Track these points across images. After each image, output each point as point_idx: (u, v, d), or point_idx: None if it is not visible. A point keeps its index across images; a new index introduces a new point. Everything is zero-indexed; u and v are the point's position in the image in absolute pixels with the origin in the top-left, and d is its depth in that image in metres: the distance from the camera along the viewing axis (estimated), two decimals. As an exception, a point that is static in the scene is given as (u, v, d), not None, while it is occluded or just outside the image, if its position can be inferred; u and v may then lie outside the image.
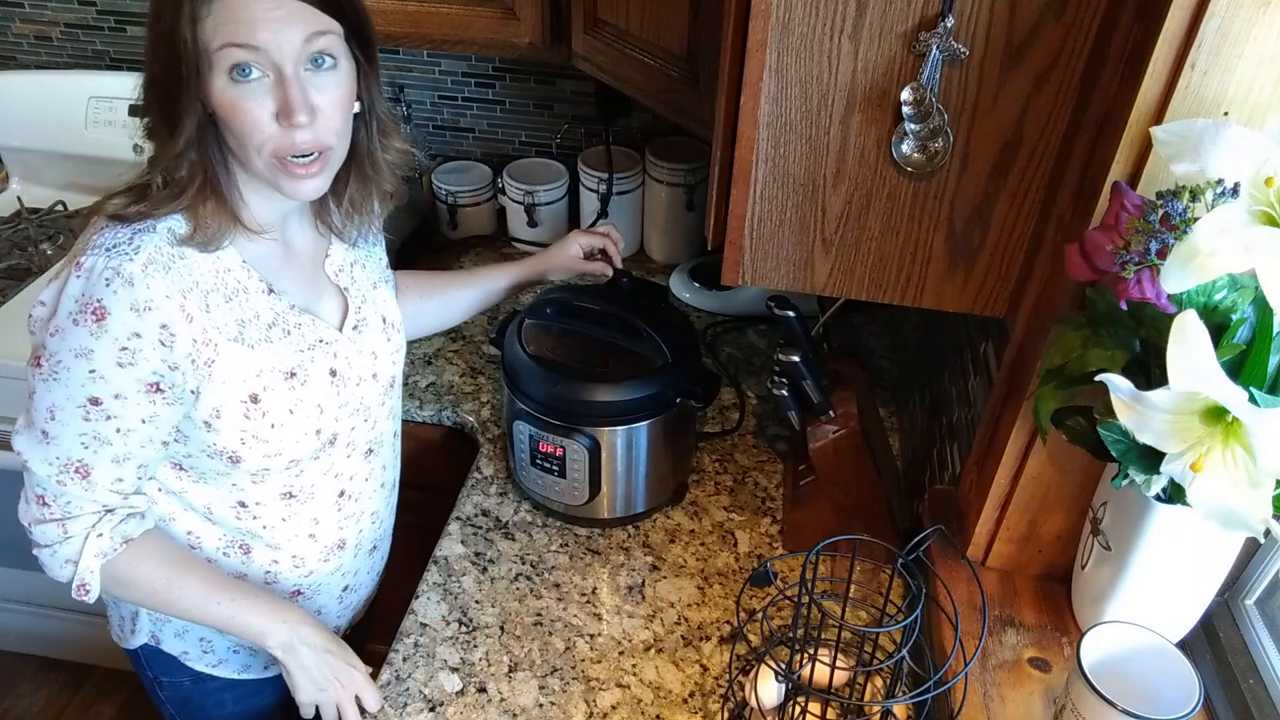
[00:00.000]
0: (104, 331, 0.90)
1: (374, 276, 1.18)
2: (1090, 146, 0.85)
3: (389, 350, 1.18)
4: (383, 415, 1.19)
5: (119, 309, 0.90)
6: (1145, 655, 0.86)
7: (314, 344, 1.06)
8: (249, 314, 0.99)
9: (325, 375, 1.07)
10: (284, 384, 1.03)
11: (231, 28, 0.87)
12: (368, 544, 1.25)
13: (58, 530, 0.99)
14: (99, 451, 0.96)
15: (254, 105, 0.90)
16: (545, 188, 1.94)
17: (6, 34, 2.10)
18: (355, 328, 1.12)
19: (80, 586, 1.01)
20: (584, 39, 1.51)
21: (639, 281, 1.41)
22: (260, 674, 1.26)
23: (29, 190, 2.12)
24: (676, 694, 1.16)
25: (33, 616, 2.17)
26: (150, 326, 0.91)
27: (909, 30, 0.86)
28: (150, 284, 0.91)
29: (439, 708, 1.13)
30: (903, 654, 0.91)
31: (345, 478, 1.15)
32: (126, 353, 0.91)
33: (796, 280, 1.03)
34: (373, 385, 1.15)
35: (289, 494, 1.10)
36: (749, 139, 0.95)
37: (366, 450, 1.17)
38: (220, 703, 1.26)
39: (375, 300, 1.17)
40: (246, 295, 0.99)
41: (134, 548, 1.02)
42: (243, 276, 0.99)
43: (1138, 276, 0.71)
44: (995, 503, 1.03)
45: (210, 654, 1.21)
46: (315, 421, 1.06)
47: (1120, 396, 0.74)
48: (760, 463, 1.50)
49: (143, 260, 0.91)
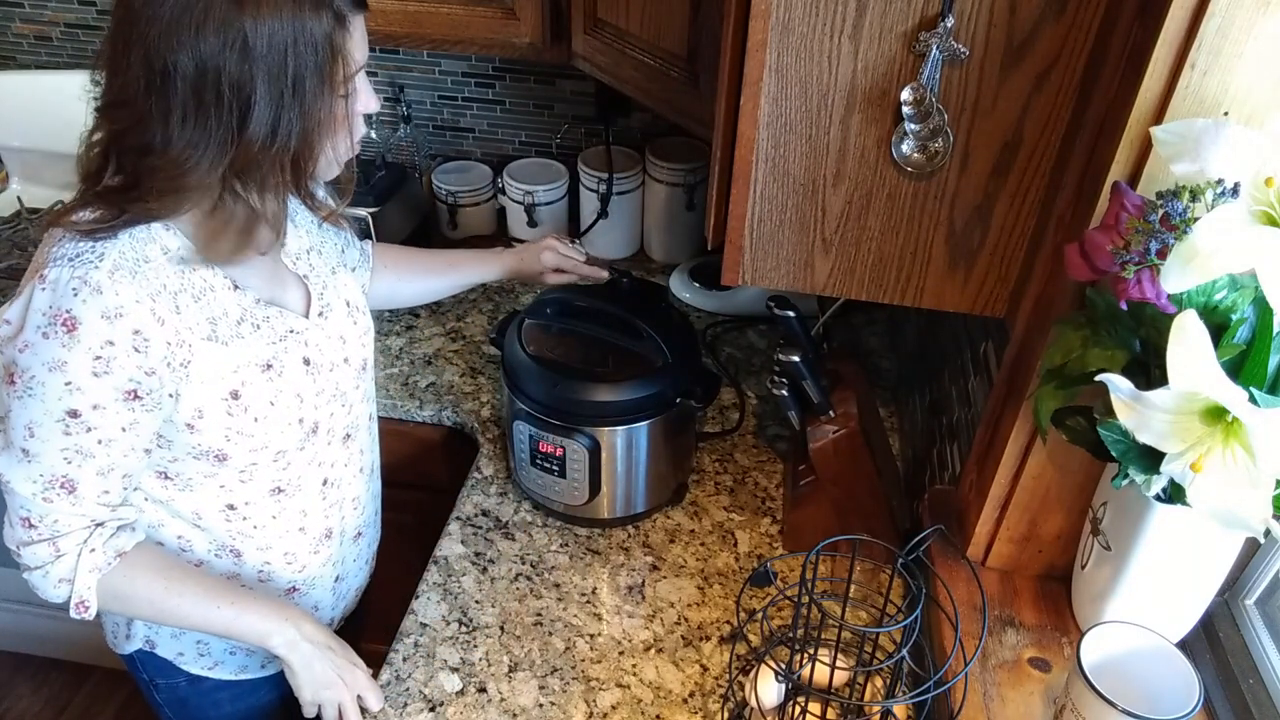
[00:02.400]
0: (76, 342, 0.89)
1: (330, 262, 1.18)
2: (1090, 146, 0.85)
3: (356, 333, 1.17)
4: (357, 399, 1.19)
5: (90, 317, 0.88)
6: (1145, 655, 0.86)
7: (285, 334, 1.05)
8: (218, 311, 0.98)
9: (299, 364, 1.07)
10: (261, 377, 1.02)
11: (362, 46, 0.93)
12: (352, 530, 1.25)
13: (48, 550, 0.97)
14: (82, 465, 0.94)
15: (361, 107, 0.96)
16: (545, 188, 1.94)
17: (6, 34, 2.10)
18: (320, 314, 1.11)
19: (79, 605, 1.00)
20: (584, 39, 1.51)
21: (639, 281, 1.41)
22: (257, 673, 1.25)
23: (29, 190, 2.12)
24: (676, 694, 1.16)
25: (33, 616, 2.17)
26: (123, 333, 0.90)
27: (909, 30, 0.86)
28: (119, 290, 0.89)
29: (439, 708, 1.13)
30: (903, 654, 0.91)
31: (328, 465, 1.15)
32: (101, 361, 0.90)
33: (796, 280, 1.03)
34: (345, 370, 1.14)
35: (277, 489, 1.10)
36: (749, 139, 0.94)
37: (344, 435, 1.17)
38: (216, 703, 1.25)
39: (336, 285, 1.16)
40: (214, 293, 0.98)
41: (128, 561, 1.01)
42: (208, 275, 0.98)
43: (1138, 276, 0.71)
44: (995, 503, 1.03)
45: (206, 656, 1.21)
46: (296, 410, 1.06)
47: (1120, 396, 0.74)
48: (760, 463, 1.50)
49: (108, 266, 0.89)
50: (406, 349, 1.74)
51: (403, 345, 1.75)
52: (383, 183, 1.78)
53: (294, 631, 1.07)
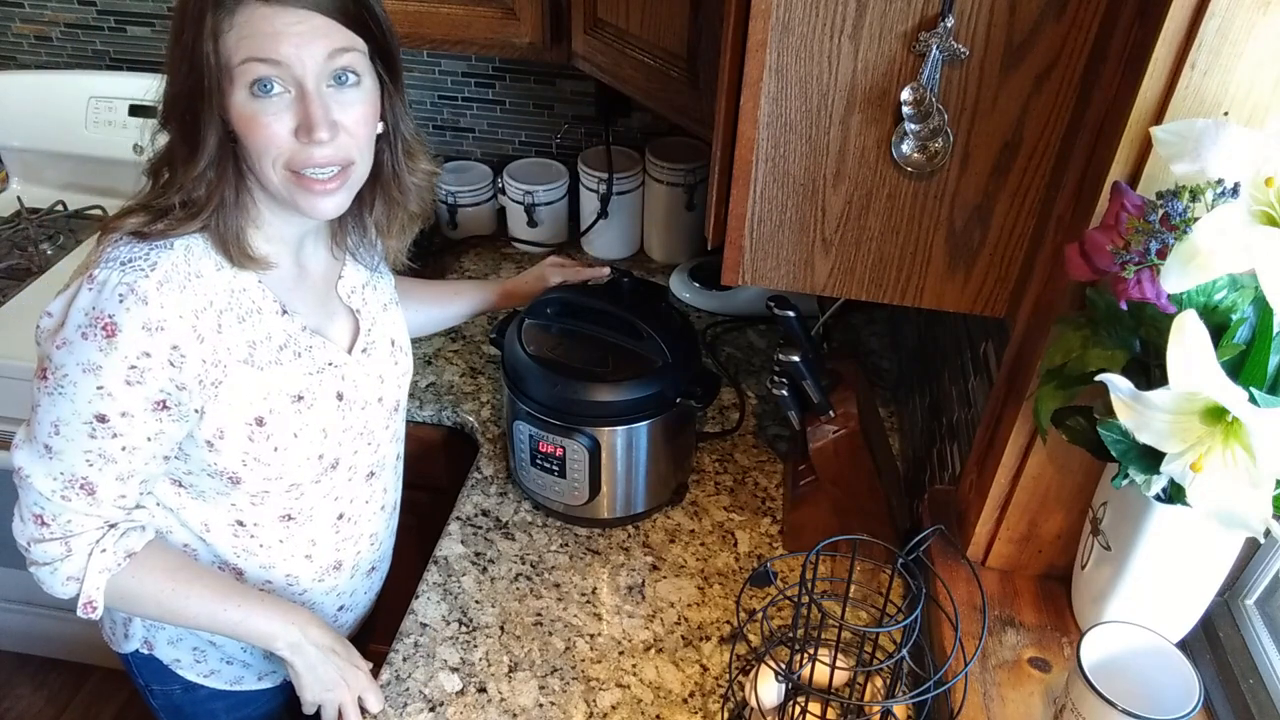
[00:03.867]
0: (113, 348, 0.88)
1: (384, 298, 1.17)
2: (1090, 146, 0.85)
3: (396, 374, 1.17)
4: (386, 439, 1.18)
5: (130, 326, 0.88)
6: (1145, 655, 0.86)
7: (323, 367, 1.05)
8: (261, 335, 0.98)
9: (332, 399, 1.06)
10: (290, 407, 1.01)
11: (254, 42, 0.86)
12: (365, 565, 1.25)
13: (59, 548, 0.97)
14: (104, 469, 0.94)
15: (272, 120, 0.89)
16: (545, 188, 1.94)
17: (6, 34, 2.10)
18: (365, 350, 1.11)
19: (86, 604, 1.00)
20: (584, 39, 1.51)
21: (639, 281, 1.41)
22: (254, 685, 1.25)
23: (29, 190, 2.12)
24: (676, 694, 1.16)
25: (33, 616, 2.17)
26: (161, 346, 0.90)
27: (909, 30, 0.86)
28: (164, 302, 0.89)
29: (439, 708, 1.13)
30: (903, 654, 0.91)
31: (345, 500, 1.14)
32: (135, 371, 0.89)
33: (796, 280, 1.03)
34: (378, 409, 1.14)
35: (287, 516, 1.09)
36: (749, 139, 0.94)
37: (368, 474, 1.16)
38: (211, 712, 1.25)
39: (385, 322, 1.16)
40: (260, 316, 0.98)
41: (137, 561, 1.01)
42: (258, 296, 0.98)
43: (1138, 276, 0.71)
44: (995, 503, 1.03)
45: (203, 663, 1.20)
46: (319, 446, 1.05)
47: (1120, 396, 0.74)
48: (760, 463, 1.50)
49: (158, 277, 0.89)
50: (406, 349, 1.74)
51: (403, 345, 1.75)
52: (383, 183, 1.78)
53: (299, 635, 1.07)
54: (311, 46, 0.87)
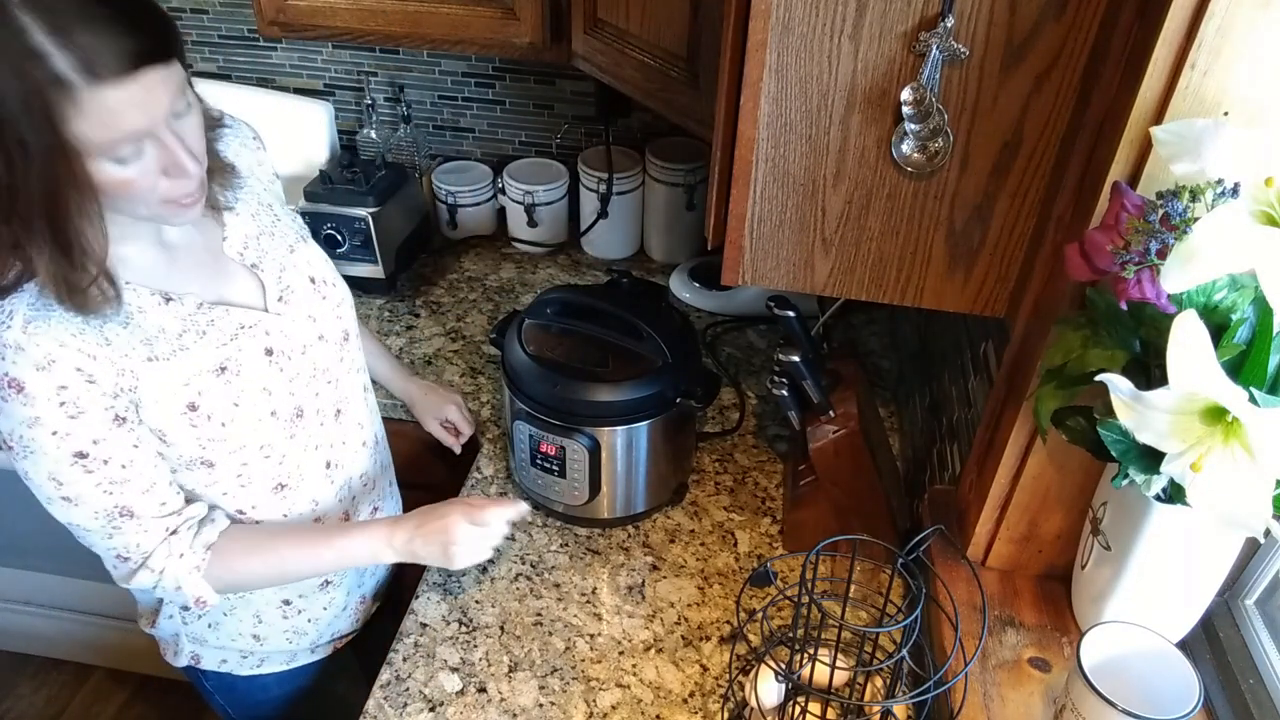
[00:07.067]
0: (33, 398, 0.88)
1: (288, 240, 1.13)
2: (1090, 146, 0.85)
3: (328, 308, 1.14)
4: (344, 372, 1.17)
5: (29, 375, 0.88)
6: (1145, 655, 0.86)
7: (235, 333, 1.03)
8: (152, 332, 0.96)
9: (260, 358, 1.04)
10: (216, 382, 1.00)
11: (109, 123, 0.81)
12: (366, 510, 1.26)
13: (148, 576, 1.01)
14: (124, 492, 0.96)
15: (143, 175, 0.86)
16: (545, 188, 1.94)
17: (6, 34, 2.09)
18: (281, 299, 1.08)
19: (197, 601, 1.05)
20: (584, 39, 1.51)
21: (639, 281, 1.41)
22: (308, 659, 1.31)
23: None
24: (676, 694, 1.16)
25: (33, 616, 2.17)
26: (67, 375, 0.89)
27: (909, 30, 0.86)
28: (39, 341, 0.88)
29: (439, 708, 1.13)
30: (903, 654, 0.91)
31: (326, 447, 1.15)
32: (66, 405, 0.90)
33: (796, 280, 1.03)
34: (323, 347, 1.13)
35: (279, 485, 1.10)
36: (749, 139, 0.95)
37: (335, 411, 1.16)
38: (264, 685, 1.30)
39: (296, 264, 1.12)
40: (144, 314, 0.96)
41: (218, 551, 1.04)
42: (132, 299, 0.95)
43: (1138, 276, 0.71)
44: (995, 503, 1.03)
45: (250, 657, 1.26)
46: (266, 404, 1.05)
47: (1120, 396, 0.74)
48: (760, 463, 1.50)
49: (19, 323, 0.88)
50: (406, 349, 1.74)
51: (403, 345, 1.75)
52: (382, 183, 1.78)
53: (384, 544, 1.10)
54: (158, 105, 0.84)
